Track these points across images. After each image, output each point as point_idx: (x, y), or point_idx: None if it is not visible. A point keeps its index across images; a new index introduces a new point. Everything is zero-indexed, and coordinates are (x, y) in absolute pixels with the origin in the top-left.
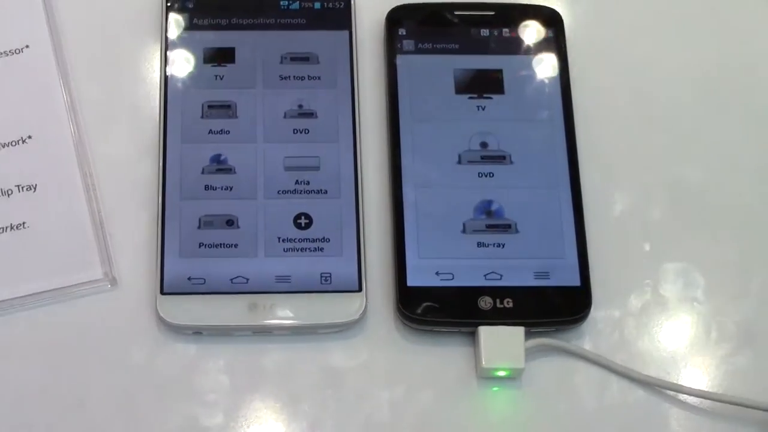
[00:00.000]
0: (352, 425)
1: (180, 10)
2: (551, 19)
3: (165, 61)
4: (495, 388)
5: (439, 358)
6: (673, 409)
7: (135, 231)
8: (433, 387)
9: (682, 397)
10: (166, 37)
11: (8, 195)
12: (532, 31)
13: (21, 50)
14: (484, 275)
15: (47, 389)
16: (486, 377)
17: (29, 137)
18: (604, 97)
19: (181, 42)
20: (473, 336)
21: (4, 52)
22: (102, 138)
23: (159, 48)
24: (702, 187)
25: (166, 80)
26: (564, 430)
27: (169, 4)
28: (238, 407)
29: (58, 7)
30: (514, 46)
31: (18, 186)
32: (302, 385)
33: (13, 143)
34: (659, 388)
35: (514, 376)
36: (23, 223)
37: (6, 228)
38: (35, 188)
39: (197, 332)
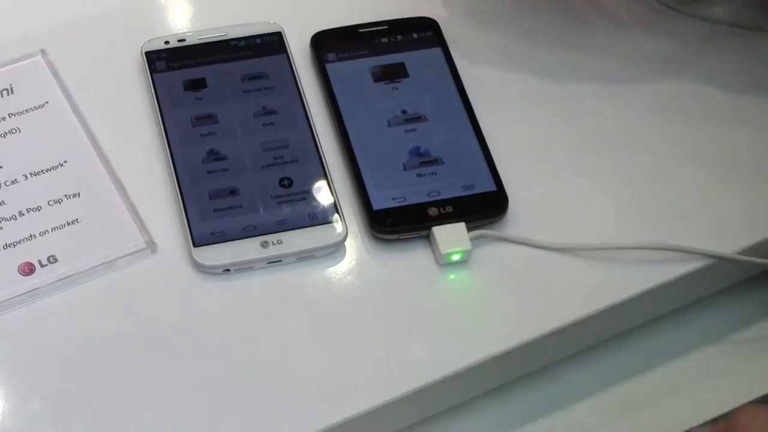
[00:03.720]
0: (352, 313)
1: (158, 60)
2: (428, 23)
3: (156, 94)
4: (452, 276)
5: (406, 259)
6: (581, 264)
7: (162, 210)
8: (405, 280)
9: (584, 253)
10: (153, 78)
11: (60, 203)
12: (417, 33)
13: (43, 105)
14: (427, 194)
15: (125, 333)
16: (444, 264)
17: (65, 161)
18: (479, 59)
19: (165, 79)
20: (428, 239)
21: (32, 108)
22: (119, 153)
23: (149, 86)
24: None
25: (160, 107)
26: (508, 294)
27: (149, 57)
28: (269, 319)
29: (61, 69)
30: (409, 45)
31: (65, 195)
32: (310, 292)
33: (54, 167)
34: (571, 250)
35: (465, 260)
36: (76, 219)
37: (64, 225)
38: (79, 195)
39: (226, 270)
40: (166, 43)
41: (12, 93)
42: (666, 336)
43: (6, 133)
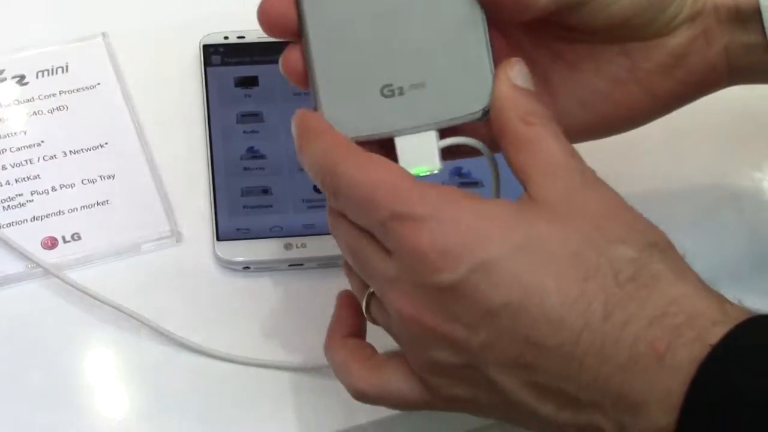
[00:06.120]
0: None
1: (214, 54)
2: None
3: (206, 87)
4: None
5: None
6: None
7: (195, 202)
8: None
9: None
10: (206, 71)
11: (93, 183)
12: None
13: (94, 86)
14: None
15: (137, 317)
16: None
17: (106, 143)
18: None
19: (217, 74)
20: None
21: (83, 87)
22: (160, 141)
23: (201, 78)
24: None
25: (208, 100)
26: None
27: (206, 50)
28: (282, 321)
29: (118, 53)
30: None
31: (100, 176)
32: (328, 300)
33: (95, 148)
34: None
35: None
36: (107, 200)
37: (94, 204)
38: (114, 177)
39: (246, 267)
40: (225, 38)
41: (66, 71)
42: None
43: (54, 110)
